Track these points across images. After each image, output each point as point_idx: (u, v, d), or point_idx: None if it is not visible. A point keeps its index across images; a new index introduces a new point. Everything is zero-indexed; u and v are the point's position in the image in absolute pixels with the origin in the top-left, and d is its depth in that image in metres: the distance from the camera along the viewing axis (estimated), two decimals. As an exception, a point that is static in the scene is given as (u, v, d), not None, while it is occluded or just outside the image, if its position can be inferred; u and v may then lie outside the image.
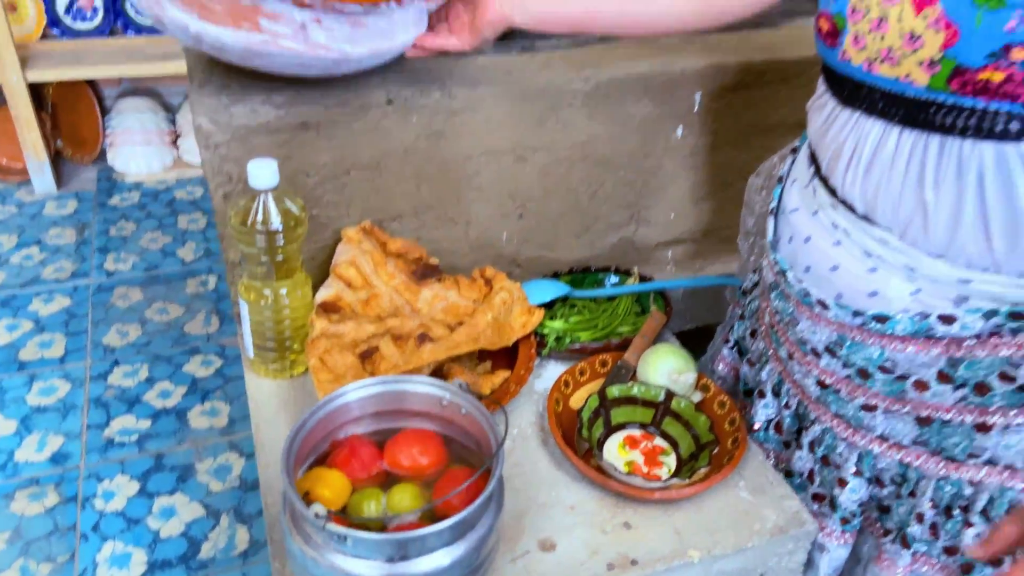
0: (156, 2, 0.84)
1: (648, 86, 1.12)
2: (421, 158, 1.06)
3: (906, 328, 0.75)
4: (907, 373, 0.78)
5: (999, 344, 0.73)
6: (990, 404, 0.75)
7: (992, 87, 0.62)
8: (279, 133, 0.98)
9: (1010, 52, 0.60)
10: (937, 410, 0.78)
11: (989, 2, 0.60)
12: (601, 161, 1.16)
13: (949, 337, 0.74)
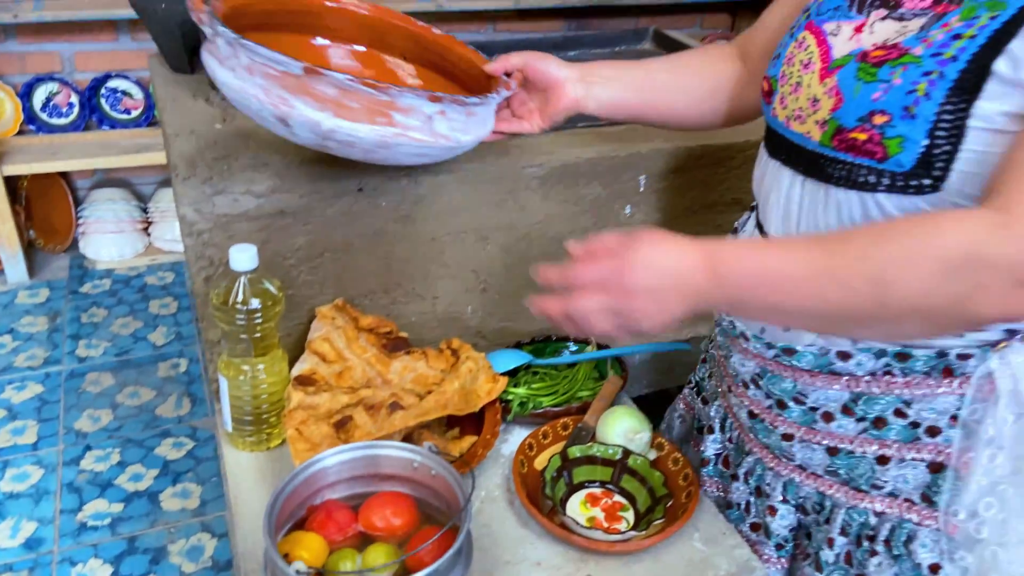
0: (284, 101, 0.85)
1: (597, 170, 1.23)
2: (390, 239, 1.15)
3: (810, 362, 0.85)
4: (816, 404, 0.87)
5: (892, 383, 0.82)
6: (887, 437, 0.84)
7: (858, 144, 0.74)
8: (258, 220, 1.05)
9: (872, 117, 0.73)
10: (842, 441, 0.87)
11: (866, 77, 0.74)
12: (557, 238, 1.25)
13: (848, 373, 0.83)
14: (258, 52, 0.84)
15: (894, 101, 0.71)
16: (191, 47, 1.35)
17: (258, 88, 0.86)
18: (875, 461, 0.86)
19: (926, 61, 0.70)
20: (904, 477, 0.85)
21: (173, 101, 1.27)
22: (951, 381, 0.80)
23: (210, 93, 1.28)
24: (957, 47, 0.69)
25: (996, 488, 0.79)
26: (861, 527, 0.89)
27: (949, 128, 0.69)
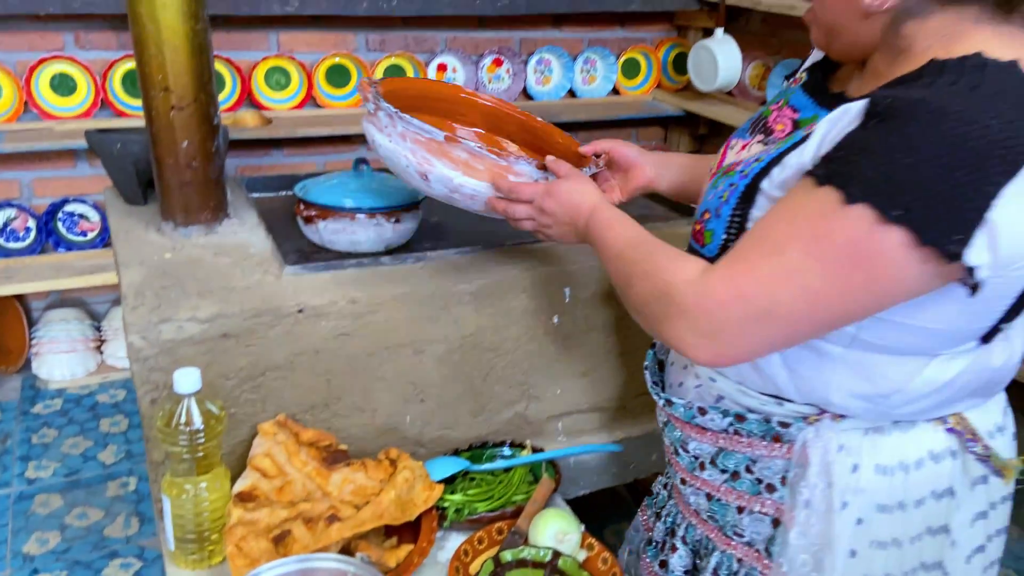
0: (427, 161, 1.09)
1: (524, 285, 1.32)
2: (330, 356, 1.22)
3: (682, 414, 0.98)
4: (695, 453, 0.99)
5: (738, 441, 0.94)
6: (741, 489, 0.95)
7: (695, 233, 0.92)
8: (202, 344, 1.12)
9: (704, 213, 0.91)
10: (713, 488, 0.98)
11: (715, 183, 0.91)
12: (490, 348, 1.34)
13: (709, 428, 0.96)
14: (411, 123, 1.09)
15: (714, 204, 0.89)
16: (145, 181, 1.44)
17: (408, 151, 1.10)
18: (736, 511, 0.97)
19: (736, 176, 0.88)
20: (756, 528, 0.96)
21: (126, 233, 1.35)
22: (780, 446, 0.91)
23: (161, 224, 1.36)
24: (752, 167, 0.86)
25: (810, 548, 0.89)
26: (728, 570, 0.99)
27: (737, 228, 0.86)
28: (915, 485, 0.88)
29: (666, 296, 0.80)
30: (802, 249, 0.74)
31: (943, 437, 0.88)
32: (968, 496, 0.90)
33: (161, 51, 1.20)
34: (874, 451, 0.87)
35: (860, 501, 0.87)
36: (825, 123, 0.78)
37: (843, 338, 0.82)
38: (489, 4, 2.62)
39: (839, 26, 0.84)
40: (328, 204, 1.34)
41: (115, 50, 2.49)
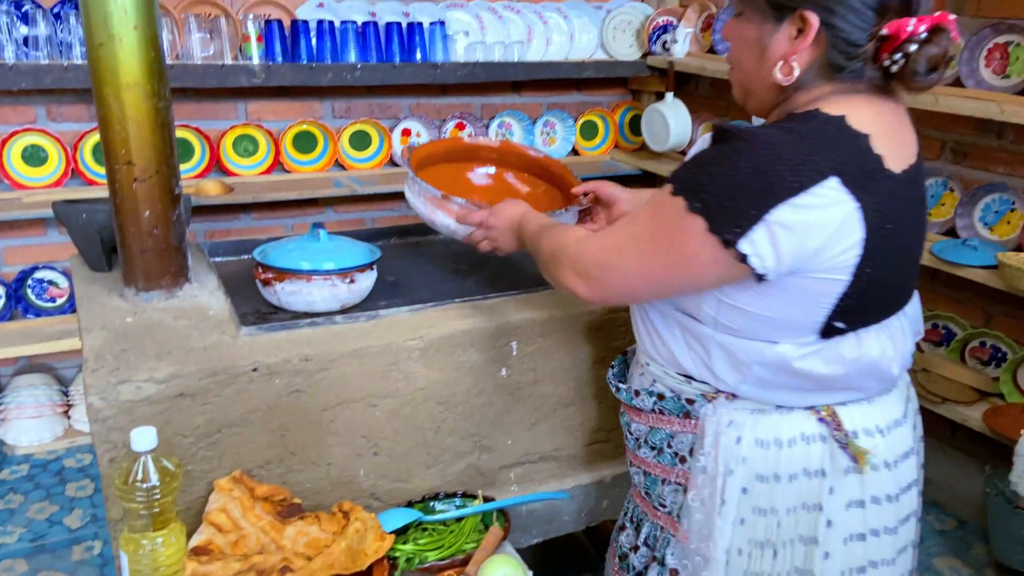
0: (432, 212, 1.47)
1: (473, 339, 1.39)
2: (284, 413, 1.27)
3: (625, 399, 1.18)
4: (636, 435, 1.18)
5: (661, 419, 1.11)
6: (664, 463, 1.11)
7: None
8: (159, 403, 1.17)
9: None
10: (647, 466, 1.17)
11: None
12: (441, 401, 1.39)
13: (641, 409, 1.13)
14: (420, 184, 1.48)
15: None
16: (108, 249, 1.51)
17: (421, 203, 1.49)
18: (661, 483, 1.15)
19: None
20: (673, 499, 1.13)
21: (90, 299, 1.40)
22: (690, 421, 1.10)
23: (124, 290, 1.42)
24: None
25: (703, 509, 1.06)
26: (653, 538, 1.17)
27: None
28: (788, 460, 1.03)
29: (560, 251, 1.11)
30: (644, 224, 1.00)
31: (814, 424, 1.04)
32: (841, 481, 1.03)
33: (125, 128, 1.27)
34: (755, 427, 1.04)
35: (743, 470, 1.04)
36: (697, 144, 1.04)
37: (708, 320, 1.03)
38: (449, 74, 2.74)
39: (753, 91, 1.05)
40: (285, 267, 1.41)
41: (86, 121, 2.58)
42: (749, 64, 1.02)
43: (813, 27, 0.94)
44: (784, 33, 0.97)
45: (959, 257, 2.10)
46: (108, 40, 1.23)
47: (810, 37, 0.94)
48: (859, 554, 1.05)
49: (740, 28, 1.03)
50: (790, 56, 0.96)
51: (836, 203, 0.89)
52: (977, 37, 2.16)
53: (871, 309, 0.99)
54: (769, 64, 0.99)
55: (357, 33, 2.64)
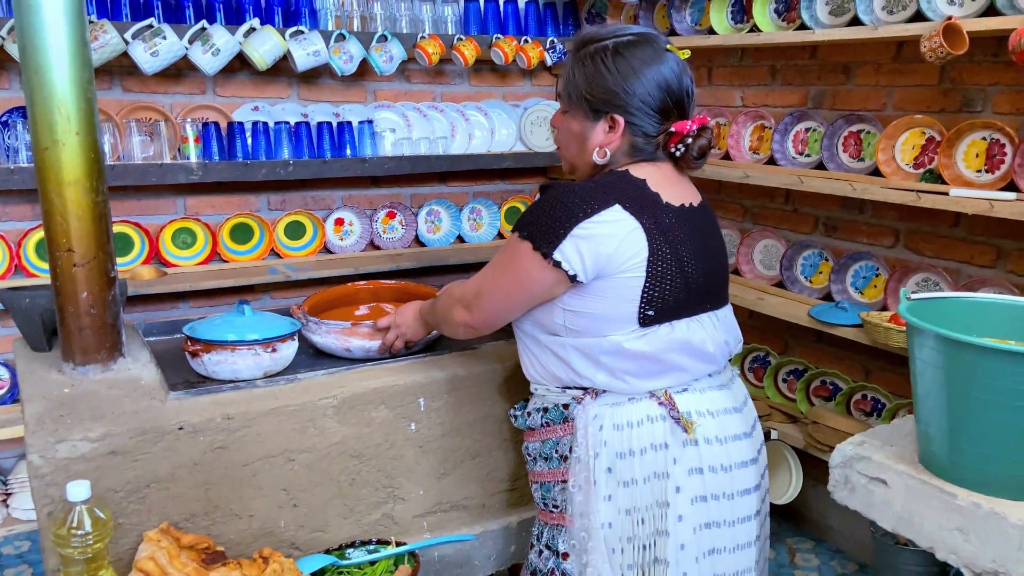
0: (346, 341, 1.66)
1: (383, 397, 1.55)
2: (208, 468, 1.41)
3: (520, 423, 1.48)
4: (531, 454, 1.47)
5: (550, 431, 1.40)
6: (552, 467, 1.39)
7: None
8: (93, 460, 1.31)
9: None
10: (542, 477, 1.44)
11: None
12: (355, 455, 1.55)
13: (532, 427, 1.42)
14: (327, 324, 1.69)
15: None
16: (49, 331, 1.65)
17: (332, 339, 1.67)
18: (553, 487, 1.41)
19: None
20: (562, 496, 1.39)
21: (31, 374, 1.54)
22: (568, 424, 1.38)
23: (62, 365, 1.56)
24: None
25: (581, 491, 1.33)
26: (548, 538, 1.43)
27: None
28: (638, 438, 1.32)
29: (447, 298, 1.48)
30: (497, 258, 1.37)
31: (656, 407, 1.34)
32: (682, 452, 1.32)
33: (66, 220, 1.45)
34: (612, 415, 1.34)
35: (605, 452, 1.32)
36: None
37: (561, 329, 1.35)
38: (377, 167, 2.98)
39: (578, 167, 1.44)
40: (211, 339, 1.57)
41: (30, 220, 2.73)
42: (574, 148, 1.40)
43: (620, 125, 1.34)
44: (600, 128, 1.36)
45: (833, 318, 2.35)
46: (53, 145, 1.42)
47: (618, 132, 1.35)
48: (703, 514, 1.32)
49: (568, 122, 1.40)
50: (604, 144, 1.36)
51: (620, 221, 1.27)
52: (834, 127, 2.48)
53: (672, 303, 1.32)
54: (589, 149, 1.37)
55: (290, 132, 2.87)
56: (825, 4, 2.46)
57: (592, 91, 1.33)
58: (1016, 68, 2.08)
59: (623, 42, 1.33)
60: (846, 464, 1.17)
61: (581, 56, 1.35)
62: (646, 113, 1.32)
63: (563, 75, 1.40)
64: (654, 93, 1.32)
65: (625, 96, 1.31)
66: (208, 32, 2.57)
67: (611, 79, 1.31)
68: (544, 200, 1.31)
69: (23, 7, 1.36)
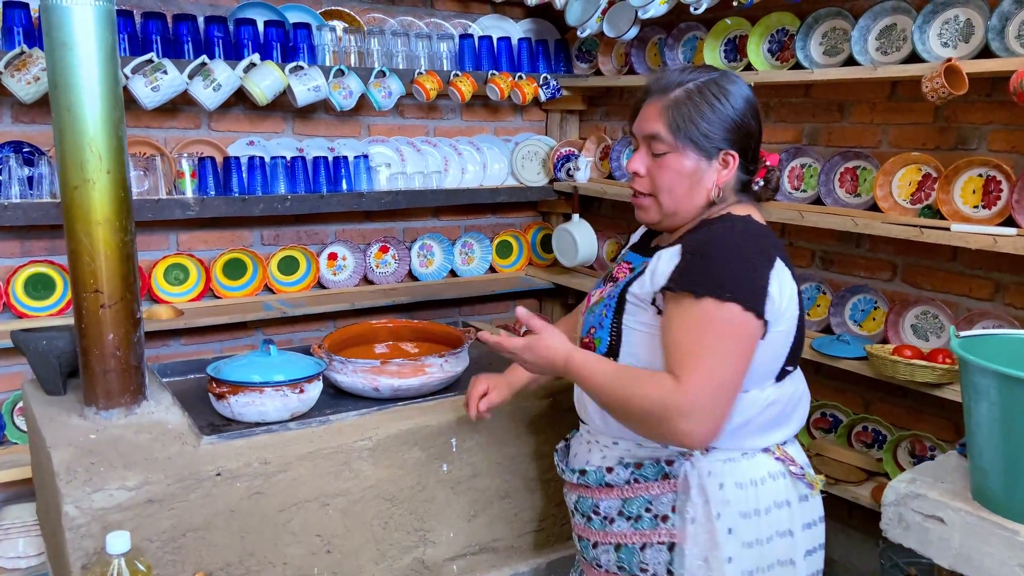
0: (374, 380, 1.65)
1: (416, 438, 1.53)
2: (244, 515, 1.37)
3: (594, 479, 1.34)
4: (605, 513, 1.34)
5: (638, 487, 1.29)
6: (643, 529, 1.29)
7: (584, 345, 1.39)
8: (131, 509, 1.26)
9: (591, 330, 1.39)
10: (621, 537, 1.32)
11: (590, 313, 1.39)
12: (388, 498, 1.52)
13: (615, 484, 1.31)
14: (354, 362, 1.69)
15: (596, 321, 1.35)
16: (66, 373, 1.60)
17: (360, 378, 1.66)
18: (639, 550, 1.30)
19: (605, 301, 1.34)
20: (656, 558, 1.29)
21: (51, 420, 1.49)
22: (669, 482, 1.28)
23: (84, 409, 1.51)
24: (614, 292, 1.33)
25: (702, 555, 1.24)
26: None
27: (616, 332, 1.31)
28: (763, 496, 1.26)
29: (661, 407, 1.16)
30: (702, 338, 1.17)
31: (774, 463, 1.29)
32: (799, 508, 1.29)
33: (94, 260, 1.41)
34: (732, 473, 1.26)
35: (728, 511, 1.25)
36: (652, 263, 1.28)
37: None
38: (374, 201, 2.97)
39: (681, 210, 1.32)
40: (238, 380, 1.54)
41: (18, 257, 2.65)
42: (681, 190, 1.30)
43: (734, 161, 1.30)
44: (715, 166, 1.30)
45: (835, 351, 2.38)
46: (83, 183, 1.39)
47: (732, 169, 1.30)
48: (814, 565, 1.31)
49: (674, 163, 1.30)
50: (720, 183, 1.30)
51: (785, 271, 1.24)
52: (831, 163, 2.54)
53: (799, 353, 1.31)
54: (703, 190, 1.30)
55: (286, 167, 2.84)
56: (819, 44, 2.53)
57: (711, 128, 1.28)
58: (1011, 108, 2.16)
59: (717, 78, 1.31)
60: (900, 502, 1.18)
61: (684, 95, 1.29)
62: (750, 147, 1.31)
63: (663, 115, 1.30)
64: (756, 126, 1.31)
65: (739, 131, 1.29)
66: (209, 67, 2.54)
67: (725, 113, 1.28)
68: (718, 259, 1.19)
69: (56, 44, 1.34)
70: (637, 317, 1.29)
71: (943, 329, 2.34)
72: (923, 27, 2.23)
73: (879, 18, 2.36)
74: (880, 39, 2.38)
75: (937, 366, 2.12)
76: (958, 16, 2.20)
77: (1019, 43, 2.06)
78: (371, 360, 1.66)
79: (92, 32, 1.34)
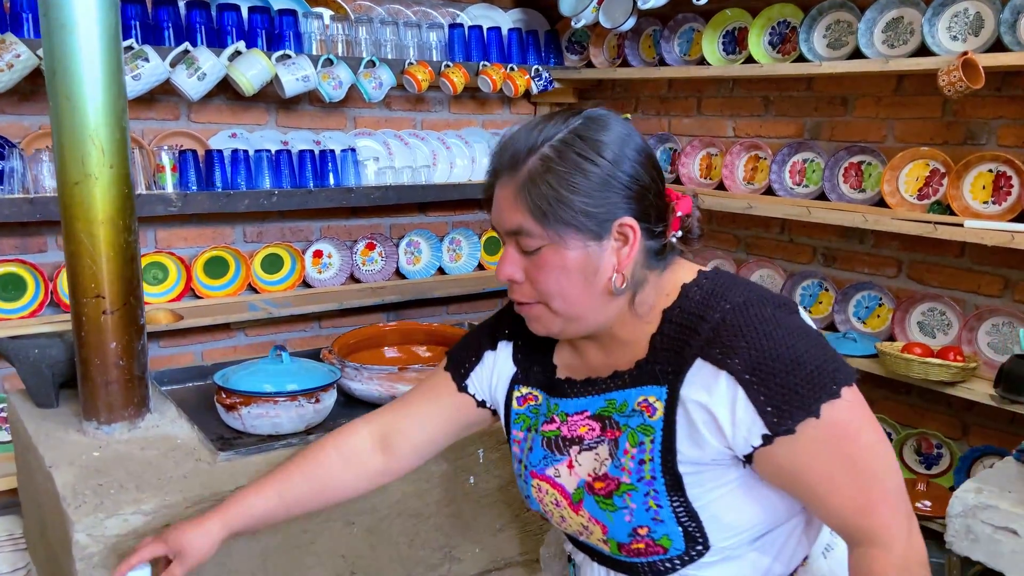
0: (391, 387, 1.54)
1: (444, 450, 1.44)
2: (266, 536, 1.27)
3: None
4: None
5: None
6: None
7: (642, 551, 0.97)
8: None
9: (637, 531, 0.96)
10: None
11: (608, 507, 0.96)
12: (414, 514, 1.43)
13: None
14: (370, 369, 1.57)
15: (643, 518, 0.95)
16: (58, 384, 1.48)
17: (375, 385, 1.56)
18: None
19: (639, 486, 0.94)
20: None
21: (47, 435, 1.37)
22: None
23: (83, 424, 1.39)
24: (649, 469, 0.94)
25: None
26: None
27: (686, 514, 0.94)
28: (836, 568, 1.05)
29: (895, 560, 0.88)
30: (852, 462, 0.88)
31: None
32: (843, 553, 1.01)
33: (96, 262, 1.29)
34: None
35: None
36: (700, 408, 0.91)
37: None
38: (363, 197, 2.86)
39: (582, 315, 0.97)
40: (250, 390, 1.43)
41: (-14, 255, 2.49)
42: (575, 289, 0.95)
43: (635, 232, 0.94)
44: (609, 246, 0.95)
45: (844, 349, 2.35)
46: (84, 179, 1.27)
47: (634, 241, 0.94)
48: None
49: (557, 256, 0.94)
50: (623, 266, 0.95)
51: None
52: (835, 158, 2.50)
53: None
54: (600, 282, 0.95)
55: (271, 160, 2.72)
56: (823, 37, 2.50)
57: (586, 200, 0.92)
58: (1021, 102, 2.15)
59: (579, 127, 0.94)
60: (968, 513, 1.14)
61: (541, 165, 0.93)
62: (650, 205, 0.96)
63: (520, 200, 0.94)
64: (651, 173, 0.96)
65: (628, 190, 0.93)
66: (193, 55, 2.41)
67: (603, 174, 0.92)
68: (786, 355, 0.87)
69: (54, 26, 1.22)
70: (708, 483, 0.94)
71: (950, 326, 2.33)
72: (932, 20, 2.21)
73: (886, 10, 2.33)
74: (887, 32, 2.35)
75: (952, 364, 2.10)
76: (967, 9, 2.17)
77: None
78: (388, 367, 1.57)
79: (94, 12, 1.23)
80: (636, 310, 0.98)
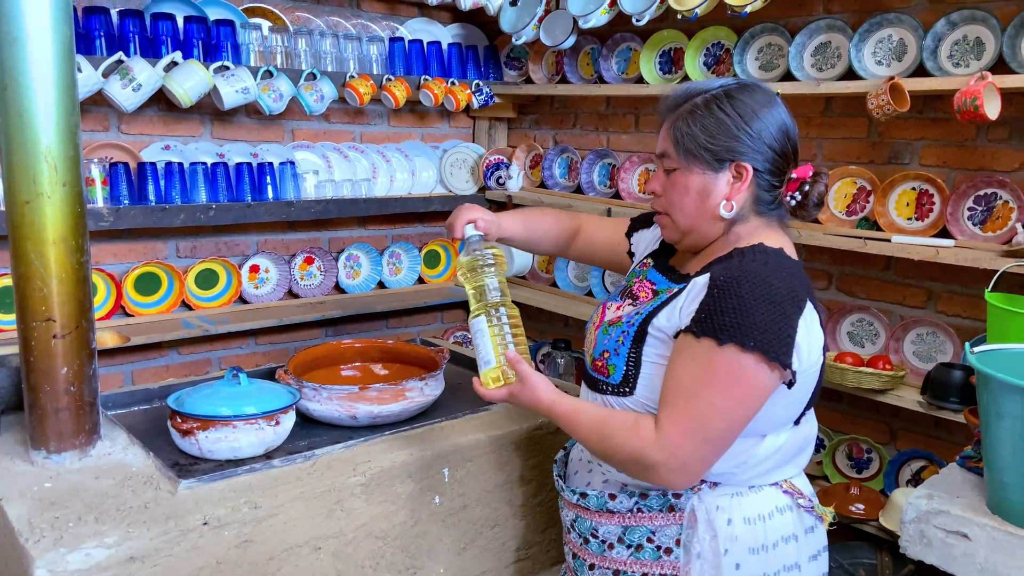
0: (352, 408, 1.54)
1: (410, 470, 1.44)
2: (232, 566, 1.24)
3: (595, 503, 1.25)
4: (604, 537, 1.26)
5: (641, 517, 1.23)
6: (644, 559, 1.23)
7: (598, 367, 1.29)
8: (110, 569, 1.11)
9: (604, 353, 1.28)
10: (621, 564, 1.25)
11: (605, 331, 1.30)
12: (380, 536, 1.41)
13: (617, 511, 1.23)
14: (329, 389, 1.55)
15: (611, 346, 1.25)
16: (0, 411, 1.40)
17: (335, 406, 1.55)
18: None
19: (623, 326, 1.25)
20: None
21: (-9, 466, 1.30)
22: (675, 515, 1.23)
23: (30, 453, 1.32)
24: (635, 319, 1.24)
25: None
26: None
27: (634, 362, 1.22)
28: (770, 531, 1.23)
29: (641, 457, 1.14)
30: (706, 386, 1.11)
31: (781, 496, 1.25)
32: (805, 540, 1.26)
33: (47, 284, 1.24)
34: (740, 508, 1.22)
35: (736, 547, 1.21)
36: (684, 293, 1.20)
37: None
38: (304, 211, 2.81)
39: (696, 228, 1.26)
40: (206, 415, 1.39)
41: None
42: (692, 207, 1.24)
43: (748, 173, 1.21)
44: (724, 179, 1.22)
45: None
46: (35, 198, 1.22)
47: (746, 181, 1.21)
48: None
49: (681, 179, 1.24)
50: (731, 196, 1.22)
51: (814, 318, 1.18)
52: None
53: (818, 395, 1.25)
54: (713, 205, 1.23)
55: (207, 173, 2.65)
56: (755, 59, 2.60)
57: (714, 140, 1.20)
58: (942, 124, 2.28)
59: (733, 88, 1.23)
60: (922, 519, 1.20)
61: (689, 109, 1.23)
62: (770, 159, 1.21)
63: (669, 132, 1.25)
64: (777, 136, 1.21)
65: (750, 141, 1.20)
66: (127, 65, 2.32)
67: (733, 124, 1.20)
68: (747, 299, 1.11)
69: (6, 40, 1.16)
70: (658, 350, 1.21)
71: (878, 336, 2.45)
72: (859, 45, 2.32)
73: (815, 35, 2.44)
74: (815, 55, 2.46)
75: (883, 373, 2.21)
76: (892, 35, 2.30)
77: (951, 62, 2.17)
78: (348, 386, 1.54)
79: (48, 25, 1.18)
80: (727, 238, 1.24)
